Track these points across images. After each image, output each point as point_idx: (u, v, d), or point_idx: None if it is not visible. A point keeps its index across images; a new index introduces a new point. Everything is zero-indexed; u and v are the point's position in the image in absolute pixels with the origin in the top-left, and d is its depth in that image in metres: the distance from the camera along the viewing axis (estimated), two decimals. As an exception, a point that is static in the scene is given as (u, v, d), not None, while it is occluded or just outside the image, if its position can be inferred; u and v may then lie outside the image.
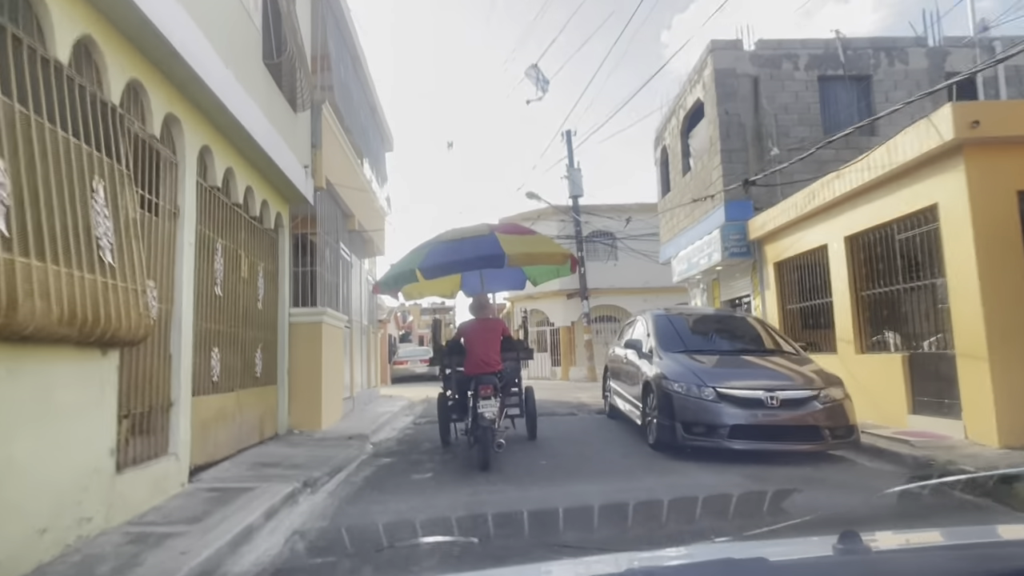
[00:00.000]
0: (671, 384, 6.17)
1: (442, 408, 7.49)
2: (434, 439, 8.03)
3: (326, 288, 9.72)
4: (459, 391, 7.05)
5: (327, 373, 9.12)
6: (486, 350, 6.73)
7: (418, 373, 25.86)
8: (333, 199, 10.44)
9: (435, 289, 9.37)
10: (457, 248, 7.27)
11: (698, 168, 13.19)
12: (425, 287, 8.84)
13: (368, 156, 14.93)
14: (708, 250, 12.35)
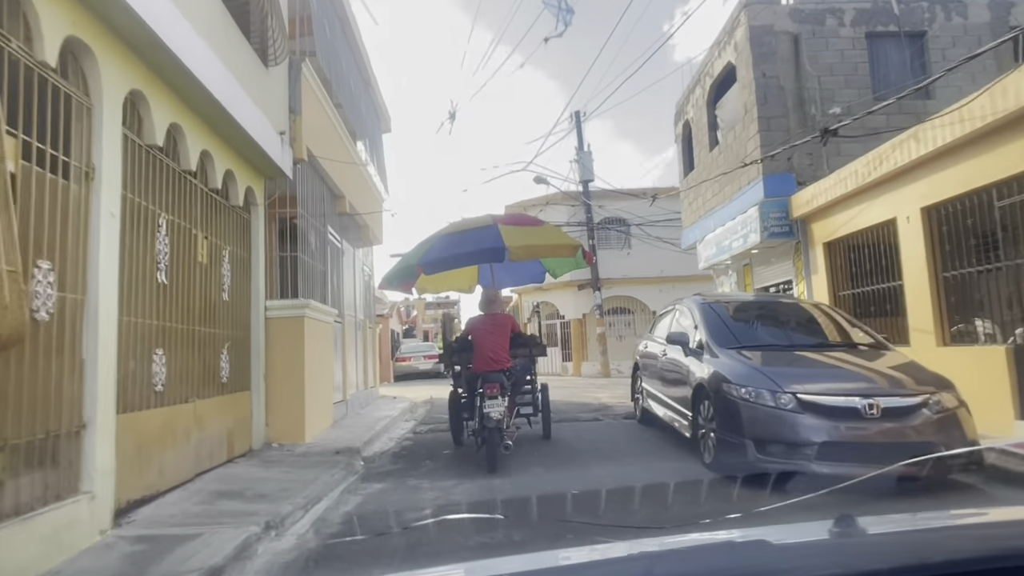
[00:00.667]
0: (736, 389, 4.84)
1: (454, 407, 7.21)
2: (436, 452, 6.94)
3: (310, 277, 8.42)
4: (469, 389, 6.76)
5: (312, 375, 7.84)
6: (494, 347, 6.41)
7: (422, 370, 24.60)
8: (318, 176, 9.13)
9: (451, 283, 9.03)
10: (459, 241, 7.04)
11: (729, 140, 11.82)
12: (440, 281, 8.66)
13: (362, 135, 13.62)
14: (743, 231, 10.99)
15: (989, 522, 1.20)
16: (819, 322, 6.26)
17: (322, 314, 8.38)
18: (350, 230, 11.78)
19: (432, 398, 13.78)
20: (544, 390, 7.38)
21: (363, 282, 12.82)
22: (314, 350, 7.98)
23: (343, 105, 12.07)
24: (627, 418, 8.39)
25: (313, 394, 7.84)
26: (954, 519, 1.28)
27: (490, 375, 6.09)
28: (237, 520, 4.34)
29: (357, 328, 11.57)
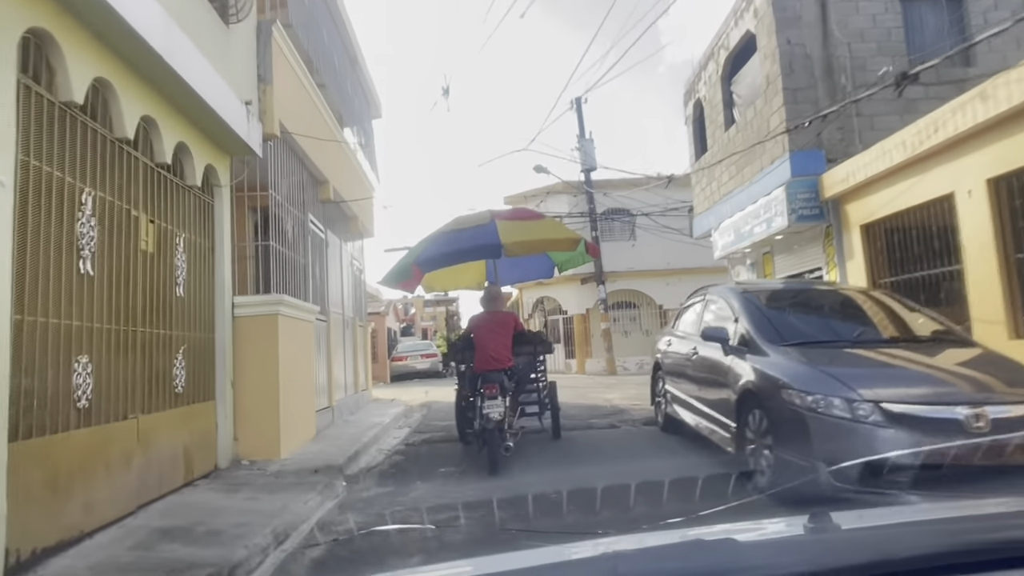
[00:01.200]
0: (799, 397, 3.88)
1: (459, 407, 7.13)
2: (430, 470, 6.10)
3: (287, 271, 7.45)
4: (471, 389, 6.53)
5: (289, 381, 6.88)
6: (495, 345, 6.27)
7: (420, 370, 23.64)
8: (296, 157, 8.16)
9: (459, 280, 8.92)
10: (456, 238, 6.96)
11: (748, 117, 10.84)
12: (447, 278, 8.61)
13: (349, 120, 12.66)
14: (766, 215, 10.03)
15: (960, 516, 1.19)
16: (880, 312, 5.30)
17: (301, 311, 7.42)
18: (336, 221, 10.81)
19: (429, 401, 12.83)
20: (552, 387, 7.15)
21: (353, 277, 11.86)
22: (291, 352, 7.02)
23: (327, 85, 11.11)
24: (647, 424, 7.43)
25: (290, 402, 6.88)
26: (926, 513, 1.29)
27: (490, 375, 5.96)
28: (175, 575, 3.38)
29: (346, 327, 10.61)
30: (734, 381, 4.66)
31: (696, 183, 13.81)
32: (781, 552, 1.00)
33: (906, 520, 1.24)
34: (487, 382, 5.85)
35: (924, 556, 0.90)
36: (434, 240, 7.08)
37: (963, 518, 1.18)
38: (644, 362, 21.43)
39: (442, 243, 7.01)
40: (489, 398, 5.70)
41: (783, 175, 9.45)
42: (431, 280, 8.21)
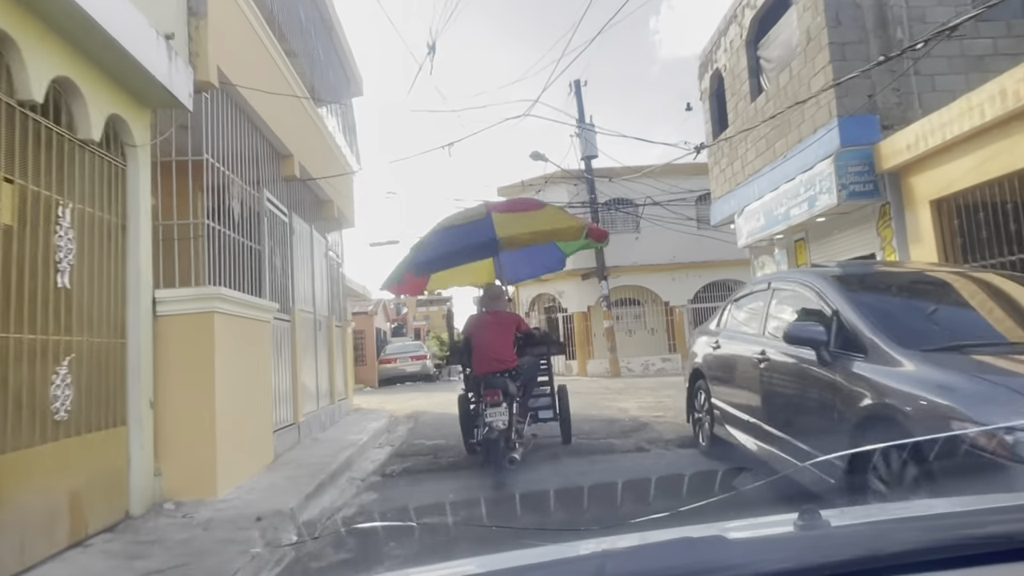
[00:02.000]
0: (989, 438, 2.42)
1: (463, 412, 6.65)
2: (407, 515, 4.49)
3: (234, 259, 5.97)
4: (473, 392, 6.33)
5: (231, 395, 5.40)
6: (496, 345, 5.89)
7: (409, 372, 22.17)
8: (248, 119, 6.66)
9: (466, 278, 8.50)
10: (451, 237, 6.53)
11: (782, 83, 9.41)
12: (454, 278, 8.34)
13: (325, 94, 11.19)
14: (806, 194, 8.60)
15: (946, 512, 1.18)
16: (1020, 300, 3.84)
17: (250, 309, 5.93)
18: (306, 205, 9.33)
19: (417, 411, 11.35)
20: (563, 392, 6.80)
21: (329, 271, 10.37)
22: (235, 359, 5.54)
23: (297, 54, 9.66)
24: (683, 446, 5.95)
25: (233, 423, 5.40)
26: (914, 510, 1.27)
27: (492, 379, 5.55)
28: None
29: (318, 328, 9.12)
30: (847, 401, 3.20)
31: (714, 164, 12.37)
32: (770, 549, 1.01)
33: (895, 516, 1.23)
34: (489, 387, 5.42)
35: (912, 551, 0.91)
36: (428, 242, 6.58)
37: (950, 514, 1.17)
38: (650, 363, 20.07)
39: (436, 245, 6.57)
40: (491, 405, 5.31)
41: (830, 145, 8.02)
42: (436, 281, 7.97)
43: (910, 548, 0.92)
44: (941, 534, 0.99)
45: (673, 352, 20.28)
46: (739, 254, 19.68)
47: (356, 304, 26.26)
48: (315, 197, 9.85)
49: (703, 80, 12.72)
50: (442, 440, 7.56)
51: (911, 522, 1.15)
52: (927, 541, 0.94)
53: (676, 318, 20.25)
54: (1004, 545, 0.91)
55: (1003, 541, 0.92)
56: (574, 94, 20.13)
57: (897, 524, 1.15)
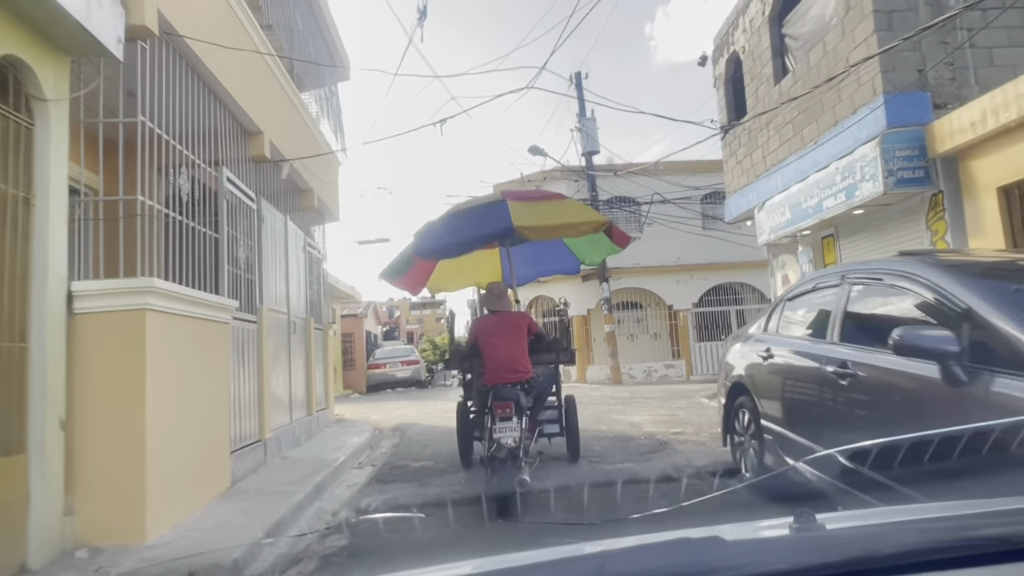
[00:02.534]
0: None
1: (462, 422, 6.10)
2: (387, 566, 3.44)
3: (180, 246, 4.95)
4: (479, 403, 5.58)
5: (169, 412, 4.39)
6: (510, 353, 5.19)
7: (400, 378, 21.12)
8: (201, 81, 5.64)
9: (469, 278, 7.77)
10: (461, 225, 5.83)
11: (813, 61, 8.46)
12: (456, 277, 7.61)
13: (308, 77, 10.23)
14: (843, 183, 7.66)
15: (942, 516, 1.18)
16: None
17: (199, 307, 4.91)
18: (282, 193, 8.32)
19: (405, 423, 10.32)
20: (571, 404, 6.14)
21: (308, 268, 9.35)
22: (176, 367, 4.52)
23: (274, 27, 8.69)
24: (723, 475, 4.94)
25: (171, 446, 4.38)
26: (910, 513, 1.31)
27: (503, 390, 4.93)
28: None
29: (292, 330, 8.09)
30: (1002, 438, 2.22)
31: (729, 155, 11.42)
32: (766, 550, 1.02)
33: (891, 520, 1.26)
34: (500, 399, 4.81)
35: (908, 552, 0.92)
36: (435, 228, 5.97)
37: (946, 517, 1.17)
38: (653, 370, 19.08)
39: (445, 231, 5.86)
40: (502, 419, 4.73)
41: (874, 127, 7.08)
42: (437, 280, 7.33)
43: (906, 549, 0.92)
44: (936, 536, 1.00)
45: (677, 358, 19.32)
46: (748, 255, 18.81)
47: (345, 306, 25.20)
48: (292, 185, 8.84)
49: (717, 65, 11.78)
50: (430, 462, 6.55)
51: (907, 524, 1.17)
52: (923, 543, 0.95)
53: (680, 322, 19.30)
54: (999, 547, 0.91)
55: (997, 543, 0.92)
56: (575, 87, 19.21)
57: (893, 526, 1.17)
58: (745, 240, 18.66)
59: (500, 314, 5.47)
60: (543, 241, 7.27)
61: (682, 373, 18.96)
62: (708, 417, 8.53)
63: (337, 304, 23.48)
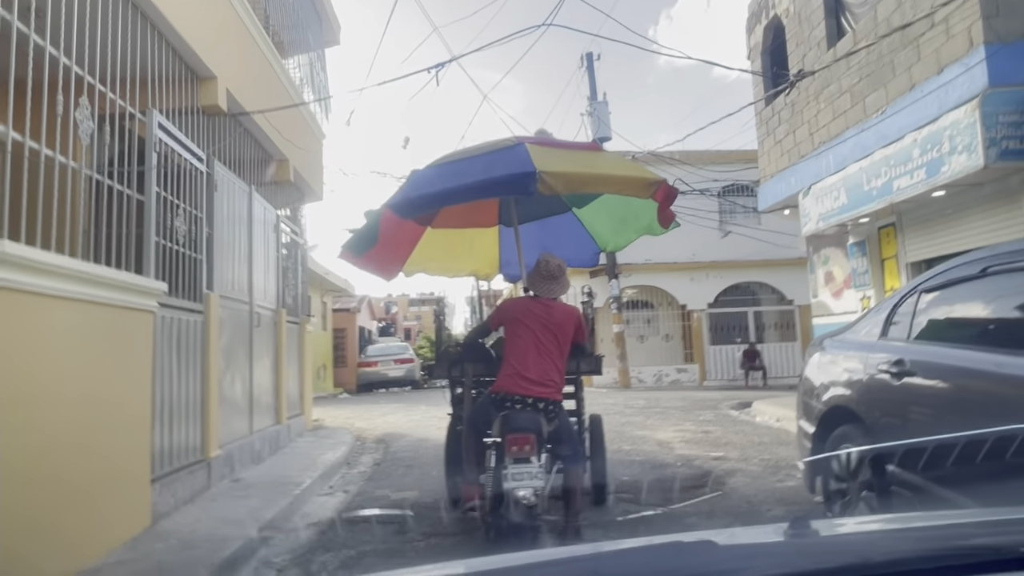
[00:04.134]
0: None
1: (452, 452, 4.39)
2: None
3: (70, 204, 3.61)
4: (480, 422, 3.77)
5: (33, 432, 3.07)
6: (541, 358, 3.65)
7: (392, 377, 19.82)
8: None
9: (457, 263, 6.08)
10: (459, 169, 4.05)
11: (882, 14, 7.13)
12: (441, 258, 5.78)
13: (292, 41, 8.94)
14: (922, 157, 6.35)
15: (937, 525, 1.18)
16: None
17: (94, 287, 3.57)
18: (246, 160, 6.99)
19: (391, 432, 9.00)
20: (597, 425, 4.74)
21: (280, 251, 8.03)
22: (48, 369, 3.20)
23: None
24: (810, 519, 3.67)
25: (35, 482, 3.06)
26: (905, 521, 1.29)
27: (520, 417, 3.46)
28: None
29: (256, 324, 6.76)
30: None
31: (766, 136, 10.09)
32: (760, 555, 1.02)
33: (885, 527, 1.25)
34: (516, 430, 3.41)
35: (902, 560, 0.92)
36: (422, 174, 4.31)
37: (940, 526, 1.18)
38: (663, 374, 17.77)
39: (435, 177, 4.18)
40: (518, 459, 3.33)
41: (970, 86, 5.76)
42: (417, 261, 5.59)
43: (899, 557, 0.93)
44: (930, 544, 1.01)
45: (690, 362, 18.02)
46: (767, 253, 17.49)
47: (338, 300, 23.90)
48: (262, 151, 7.51)
49: (752, 34, 10.46)
50: (414, 492, 5.23)
51: (901, 532, 1.17)
52: (916, 551, 0.96)
53: (694, 324, 17.99)
54: (992, 556, 0.91)
55: (990, 552, 0.93)
56: (585, 68, 17.88)
57: (887, 533, 1.17)
58: (766, 236, 17.40)
59: (544, 302, 3.92)
60: (554, 220, 5.86)
61: (695, 378, 17.66)
62: (748, 435, 7.22)
63: (328, 297, 22.20)
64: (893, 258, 7.98)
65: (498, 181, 3.78)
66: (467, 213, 5.49)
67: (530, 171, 3.61)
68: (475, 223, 5.71)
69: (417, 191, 4.03)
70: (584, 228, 5.72)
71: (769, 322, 18.65)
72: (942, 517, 1.24)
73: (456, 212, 5.39)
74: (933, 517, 1.25)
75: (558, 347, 3.76)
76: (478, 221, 5.70)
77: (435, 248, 5.74)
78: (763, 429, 7.83)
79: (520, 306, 3.96)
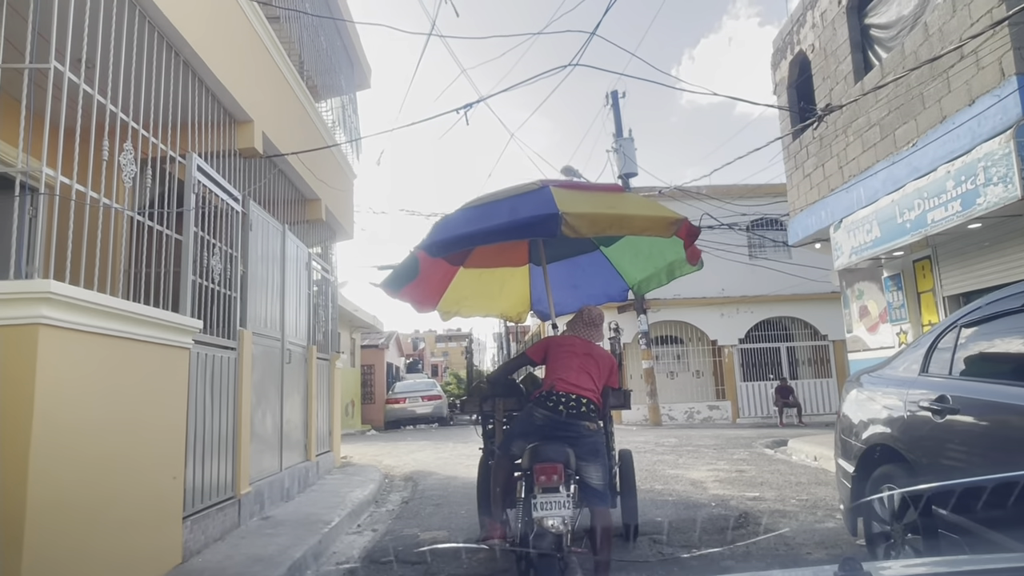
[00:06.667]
0: None
1: (484, 486, 4.44)
2: None
3: (115, 244, 3.74)
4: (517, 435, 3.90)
5: (70, 467, 3.12)
6: (580, 371, 3.92)
7: (420, 414, 19.76)
8: (163, 38, 4.51)
9: (491, 304, 6.39)
10: (486, 212, 4.25)
11: (909, 48, 7.12)
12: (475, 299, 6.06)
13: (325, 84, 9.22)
14: (956, 189, 6.24)
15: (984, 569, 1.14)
16: None
17: (135, 325, 3.67)
18: (280, 200, 7.17)
19: (420, 470, 8.95)
20: (627, 461, 4.78)
21: (312, 288, 8.15)
22: (88, 405, 3.26)
23: (281, 19, 7.74)
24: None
25: (73, 518, 3.10)
26: (954, 565, 1.26)
27: (548, 449, 3.52)
28: None
29: (287, 360, 6.84)
30: None
31: (794, 169, 10.04)
32: None
33: (933, 571, 1.23)
34: (543, 460, 3.46)
35: None
36: (452, 217, 4.55)
37: (991, 570, 1.14)
38: (695, 411, 17.42)
39: (463, 220, 4.40)
40: (546, 489, 3.38)
41: (1002, 117, 5.69)
42: (451, 301, 5.84)
43: None
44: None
45: (721, 399, 17.67)
46: (799, 287, 17.25)
47: (366, 336, 24.08)
48: (295, 192, 7.70)
49: (778, 70, 10.49)
50: (442, 531, 5.17)
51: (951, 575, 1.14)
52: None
53: (725, 359, 17.68)
54: None
55: None
56: (611, 106, 18.08)
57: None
58: (796, 270, 17.19)
59: (586, 340, 4.21)
60: (583, 258, 5.93)
61: (727, 415, 17.29)
62: (784, 475, 7.01)
63: (357, 334, 22.38)
64: (930, 291, 7.81)
65: (523, 223, 3.93)
66: (497, 253, 5.64)
67: (554, 213, 3.75)
68: (506, 262, 5.86)
69: (446, 234, 4.22)
70: (612, 266, 5.82)
71: (803, 357, 18.27)
72: (992, 561, 1.22)
73: (487, 252, 5.54)
74: (983, 561, 1.23)
75: (598, 373, 4.00)
76: (508, 261, 5.85)
77: (467, 288, 5.86)
78: (800, 468, 7.61)
79: (565, 339, 4.25)
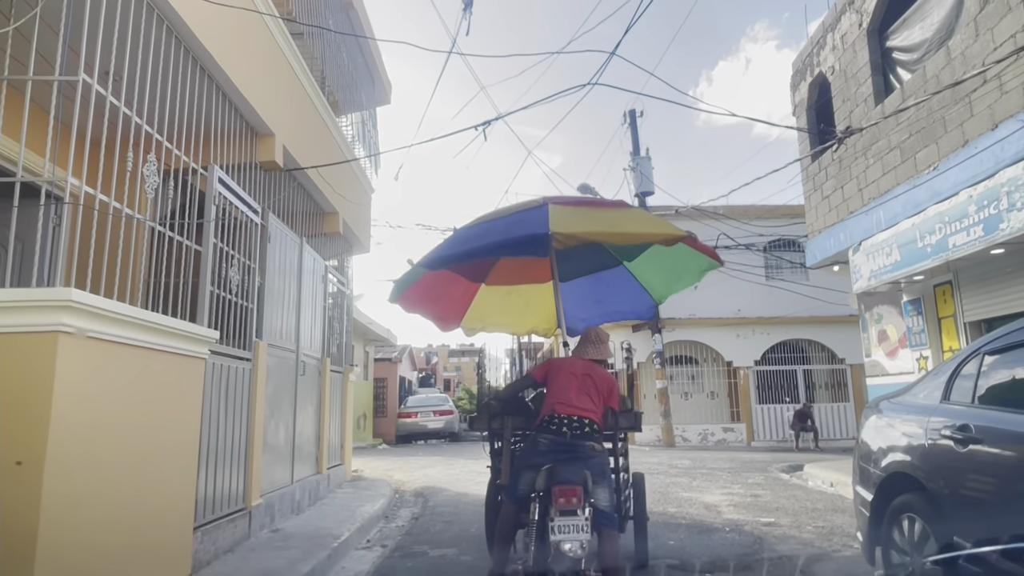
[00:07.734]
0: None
1: (494, 506, 4.35)
2: None
3: (136, 254, 3.78)
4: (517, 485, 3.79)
5: (85, 475, 3.14)
6: (580, 392, 3.93)
7: (432, 429, 19.71)
8: (188, 52, 4.59)
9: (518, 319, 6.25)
10: (487, 229, 4.39)
11: (931, 71, 7.08)
12: (502, 315, 6.11)
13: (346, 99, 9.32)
14: (978, 214, 6.16)
15: None
16: None
17: (153, 334, 3.69)
18: (298, 212, 7.24)
19: (430, 486, 8.90)
20: (639, 484, 4.71)
21: (327, 301, 8.19)
22: (106, 413, 3.28)
23: (305, 35, 7.83)
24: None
25: (85, 526, 3.11)
26: None
27: (565, 470, 3.50)
28: None
29: (301, 372, 6.86)
30: None
31: (812, 191, 9.98)
32: None
33: None
34: (561, 482, 3.43)
35: None
36: (461, 233, 4.67)
37: None
38: (709, 432, 17.21)
39: (465, 237, 4.54)
40: (563, 512, 3.34)
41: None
42: (474, 318, 5.91)
43: None
44: None
45: (736, 421, 17.47)
46: (816, 310, 17.08)
47: (379, 350, 24.14)
48: (313, 204, 7.77)
49: (797, 91, 10.47)
50: (452, 549, 5.13)
51: None
52: None
53: (741, 381, 17.49)
54: None
55: None
56: (628, 124, 18.13)
57: None
58: (814, 292, 17.03)
59: (587, 362, 4.20)
60: (608, 273, 5.86)
61: (742, 438, 17.07)
62: (800, 501, 6.90)
63: (371, 347, 22.44)
64: (951, 317, 7.69)
65: (515, 241, 4.10)
66: (521, 269, 5.61)
67: (544, 233, 3.91)
68: (529, 279, 5.79)
69: (448, 250, 4.40)
70: (637, 281, 5.72)
71: (820, 381, 18.03)
72: None
73: (509, 268, 5.55)
74: None
75: (597, 394, 3.99)
76: (532, 277, 5.78)
77: (491, 305, 5.87)
78: (816, 494, 7.48)
79: (566, 361, 4.29)
